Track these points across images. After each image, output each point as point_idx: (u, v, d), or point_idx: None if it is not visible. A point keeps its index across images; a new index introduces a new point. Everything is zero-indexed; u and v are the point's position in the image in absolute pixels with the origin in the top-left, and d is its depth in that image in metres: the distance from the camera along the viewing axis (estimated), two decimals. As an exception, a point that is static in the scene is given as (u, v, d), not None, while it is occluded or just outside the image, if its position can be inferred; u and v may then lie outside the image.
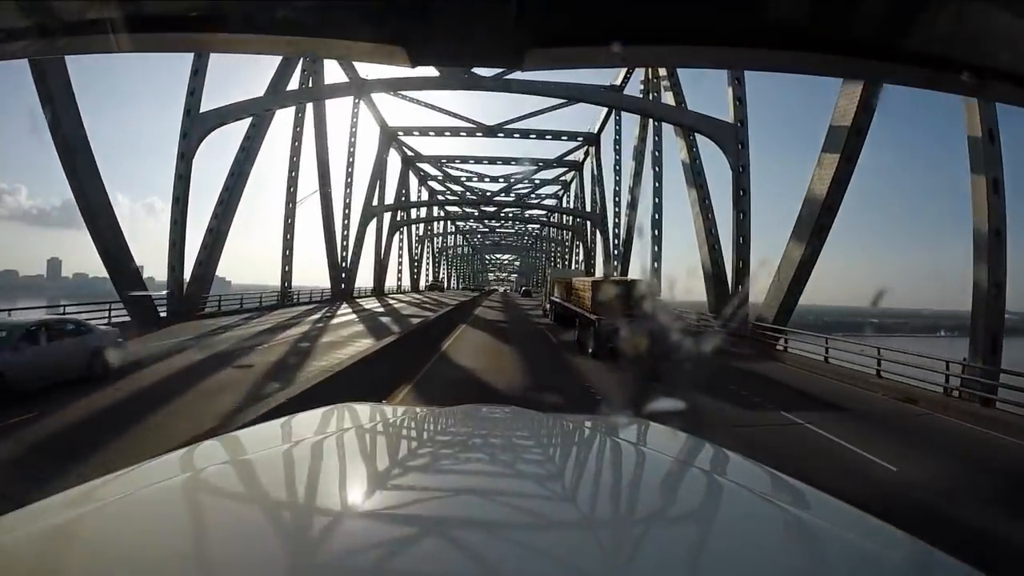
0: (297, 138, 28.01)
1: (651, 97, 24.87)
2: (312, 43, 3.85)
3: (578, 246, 50.59)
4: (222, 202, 22.75)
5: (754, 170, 18.18)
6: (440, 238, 72.67)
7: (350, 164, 34.46)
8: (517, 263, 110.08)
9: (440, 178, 47.32)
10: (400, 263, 50.03)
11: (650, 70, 23.80)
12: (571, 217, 51.94)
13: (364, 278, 42.78)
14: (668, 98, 22.54)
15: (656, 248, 25.48)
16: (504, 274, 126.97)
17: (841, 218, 15.47)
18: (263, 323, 17.52)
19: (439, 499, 0.94)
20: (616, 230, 32.79)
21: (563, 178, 49.13)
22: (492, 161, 44.22)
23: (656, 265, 25.49)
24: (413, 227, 54.03)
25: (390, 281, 47.84)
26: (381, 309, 24.49)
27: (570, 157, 42.96)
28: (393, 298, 36.66)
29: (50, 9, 3.59)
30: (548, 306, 24.59)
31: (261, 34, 3.70)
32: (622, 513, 0.93)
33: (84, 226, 16.53)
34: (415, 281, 54.34)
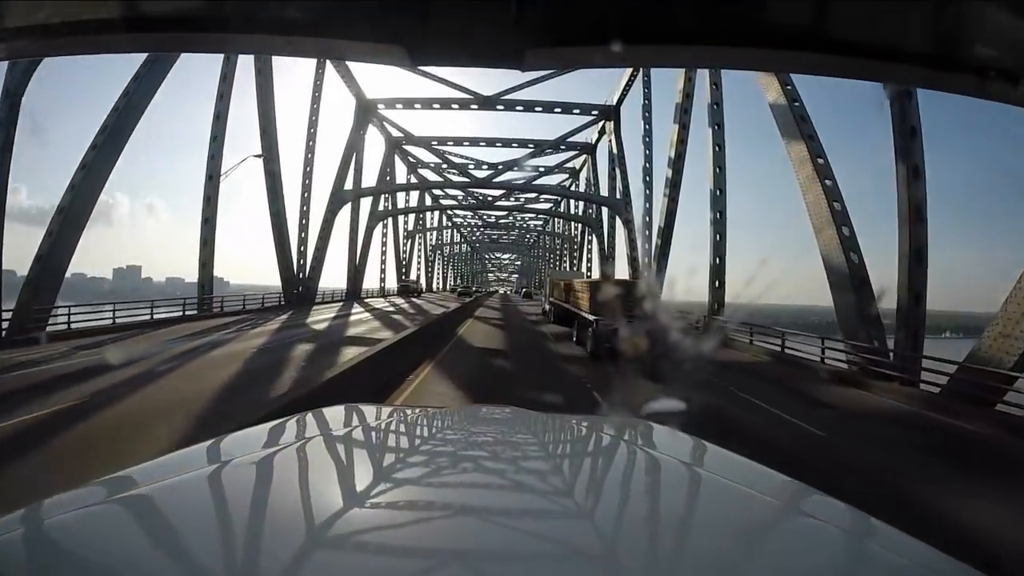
0: (225, 93, 19.50)
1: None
2: (312, 43, 3.79)
3: (590, 241, 41.94)
4: (84, 166, 14.26)
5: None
6: (434, 234, 63.18)
7: (311, 136, 25.92)
8: (518, 263, 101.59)
9: (432, 165, 39.04)
10: (383, 261, 41.06)
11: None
12: (582, 208, 43.34)
13: (339, 278, 34.25)
14: None
15: (718, 236, 16.85)
16: (504, 274, 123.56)
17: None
18: (91, 357, 11.02)
19: (439, 500, 0.94)
20: (647, 218, 24.27)
21: (571, 165, 41.25)
22: (491, 143, 37.92)
23: (717, 260, 16.83)
24: (400, 221, 45.16)
25: (371, 282, 38.89)
26: (324, 325, 16.06)
27: (579, 139, 36.90)
28: (365, 304, 28.24)
29: (50, 9, 3.61)
30: (548, 307, 24.81)
31: (261, 34, 3.66)
32: (623, 514, 0.91)
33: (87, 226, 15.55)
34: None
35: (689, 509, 0.95)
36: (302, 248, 26.91)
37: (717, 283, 18.26)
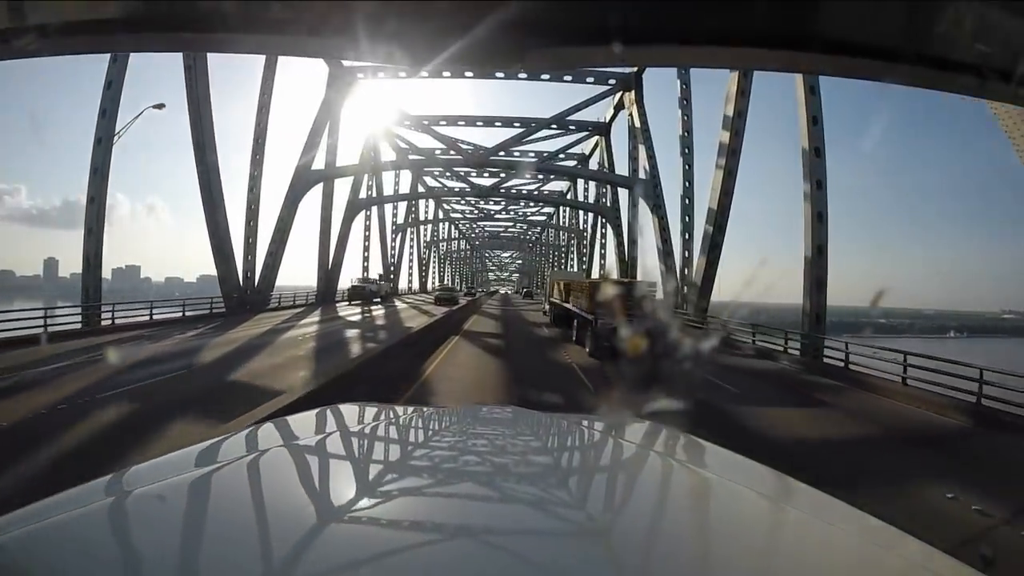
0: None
1: None
2: (313, 43, 3.72)
3: (603, 235, 36.21)
4: None
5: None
6: (428, 228, 56.99)
7: (265, 98, 19.89)
8: (519, 262, 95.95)
9: (425, 151, 33.23)
10: (366, 259, 35.17)
11: None
12: (593, 195, 37.52)
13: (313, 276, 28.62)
14: None
15: (818, 216, 10.63)
16: (505, 274, 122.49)
17: (839, 217, 12.34)
18: None
19: (439, 499, 0.91)
20: (686, 200, 18.21)
21: (579, 150, 35.60)
22: (489, 123, 32.34)
23: (817, 250, 10.65)
24: (389, 214, 39.31)
25: (351, 280, 32.89)
26: (232, 348, 10.89)
27: (590, 118, 32.07)
28: (331, 311, 23.03)
29: (51, 9, 3.58)
30: (548, 307, 23.69)
31: (261, 34, 3.57)
32: (624, 514, 0.90)
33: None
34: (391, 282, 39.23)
35: (687, 506, 0.95)
36: (250, 240, 20.98)
37: (816, 283, 12.28)
